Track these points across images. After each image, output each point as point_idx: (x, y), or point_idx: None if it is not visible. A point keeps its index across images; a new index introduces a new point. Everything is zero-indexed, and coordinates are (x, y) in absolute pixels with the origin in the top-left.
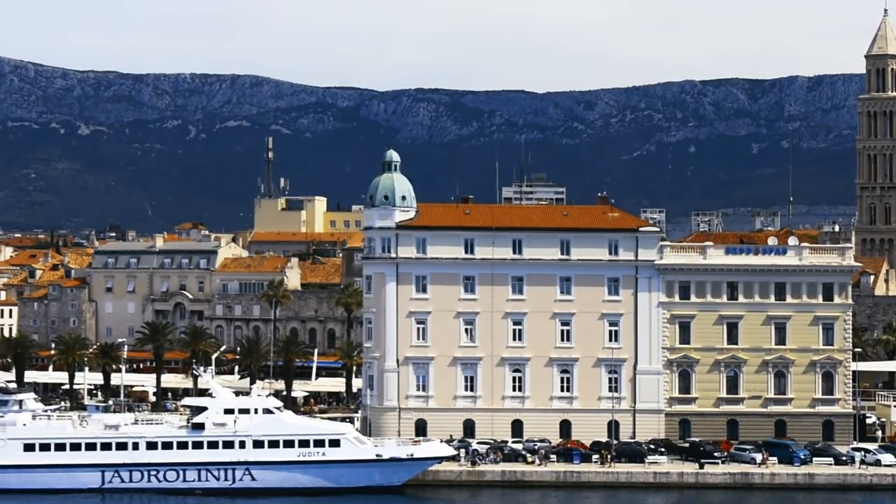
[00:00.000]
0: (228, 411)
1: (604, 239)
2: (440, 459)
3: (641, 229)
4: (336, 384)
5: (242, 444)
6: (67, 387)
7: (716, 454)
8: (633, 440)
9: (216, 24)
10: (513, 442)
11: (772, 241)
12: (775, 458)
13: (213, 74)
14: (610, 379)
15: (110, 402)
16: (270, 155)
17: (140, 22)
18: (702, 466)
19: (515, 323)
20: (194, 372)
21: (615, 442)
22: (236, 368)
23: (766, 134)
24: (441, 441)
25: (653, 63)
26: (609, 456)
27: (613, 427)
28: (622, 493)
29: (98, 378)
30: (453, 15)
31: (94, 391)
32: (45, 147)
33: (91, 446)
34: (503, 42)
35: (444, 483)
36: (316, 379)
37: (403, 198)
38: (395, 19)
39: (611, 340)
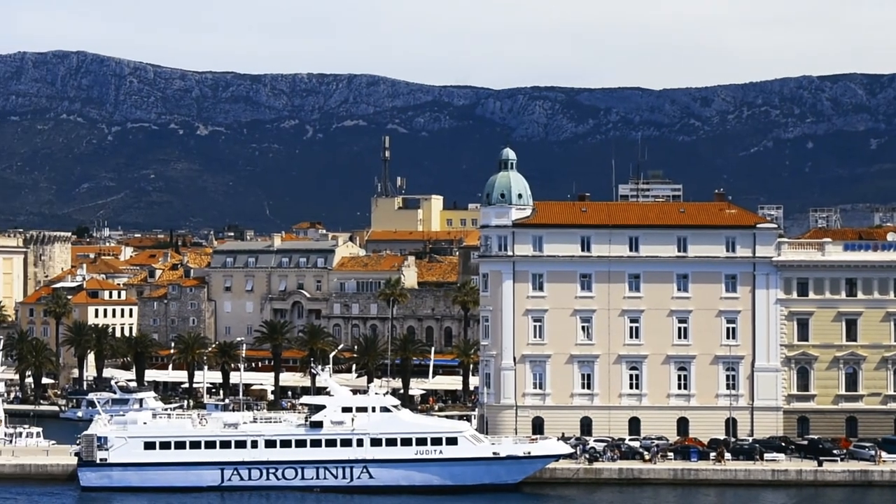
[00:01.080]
0: (346, 409)
1: (721, 236)
2: (557, 457)
3: (759, 226)
4: (453, 382)
5: (360, 443)
6: (187, 385)
7: (834, 451)
8: (749, 438)
9: (333, 24)
10: (630, 439)
11: (891, 236)
12: (894, 456)
13: (329, 74)
14: (727, 376)
15: (229, 401)
16: (387, 154)
17: (257, 23)
18: (820, 464)
19: (632, 320)
20: (312, 370)
21: (733, 440)
22: (354, 367)
23: (885, 129)
24: (558, 439)
25: (769, 58)
26: (723, 453)
27: (731, 425)
28: (740, 490)
29: (217, 377)
30: (569, 13)
31: (213, 389)
32: (163, 148)
33: (210, 444)
34: (619, 39)
35: (561, 481)
36: (433, 377)
37: (520, 196)
38: (511, 18)
39: (728, 338)
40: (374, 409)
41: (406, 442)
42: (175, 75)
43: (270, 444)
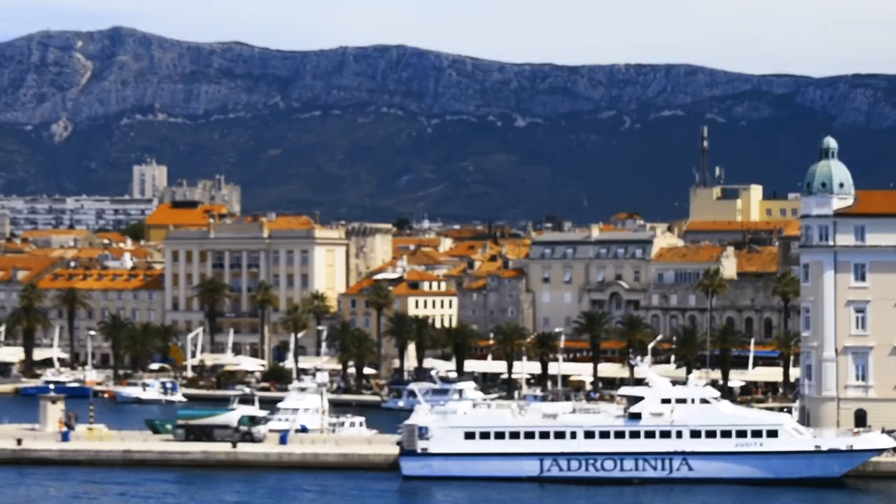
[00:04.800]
0: (665, 401)
1: None
2: (880, 451)
3: None
4: (773, 374)
5: (679, 434)
6: (506, 376)
7: None
8: None
9: (651, 14)
10: None
11: None
12: None
13: (647, 64)
14: None
15: (548, 391)
16: (705, 144)
17: (574, 14)
18: None
19: None
20: (631, 361)
21: None
22: (672, 358)
23: None
24: (882, 432)
25: None
26: None
27: None
28: None
29: (535, 367)
30: None
31: (532, 380)
32: (482, 140)
33: (530, 435)
34: None
35: (885, 475)
36: (752, 368)
37: (841, 185)
38: (832, 3)
39: None
40: (693, 401)
41: (725, 434)
42: (493, 67)
43: (589, 434)
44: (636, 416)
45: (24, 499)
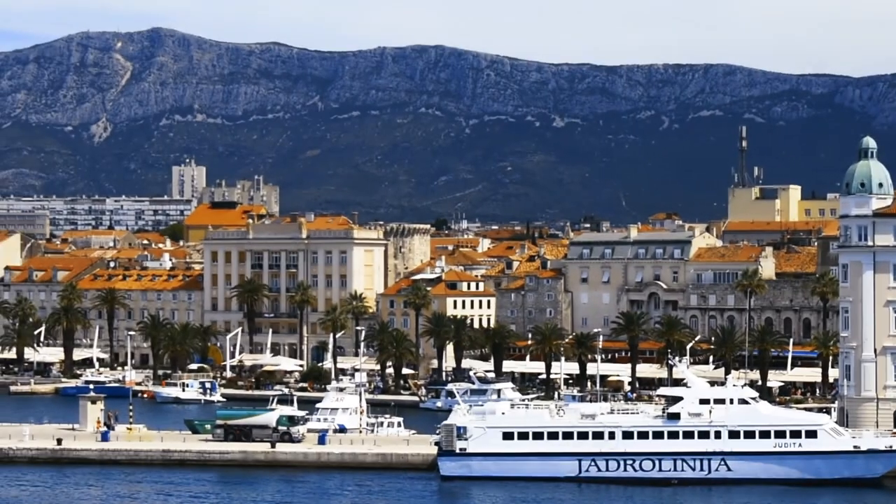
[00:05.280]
0: (704, 401)
1: None
2: None
3: None
4: (812, 374)
5: (718, 435)
6: (544, 376)
7: None
8: None
9: (689, 14)
10: None
11: None
12: None
13: (685, 64)
14: None
15: (586, 392)
16: (744, 144)
17: (613, 13)
18: None
19: None
20: (669, 362)
21: None
22: (711, 358)
23: None
24: None
25: None
26: None
27: None
28: None
29: (574, 368)
30: None
31: (570, 381)
32: (520, 140)
33: (568, 435)
34: None
35: None
36: (791, 369)
37: (880, 185)
38: (871, 2)
39: None
40: (732, 401)
41: (764, 434)
42: (531, 68)
43: (628, 435)
44: (675, 417)
45: (64, 498)
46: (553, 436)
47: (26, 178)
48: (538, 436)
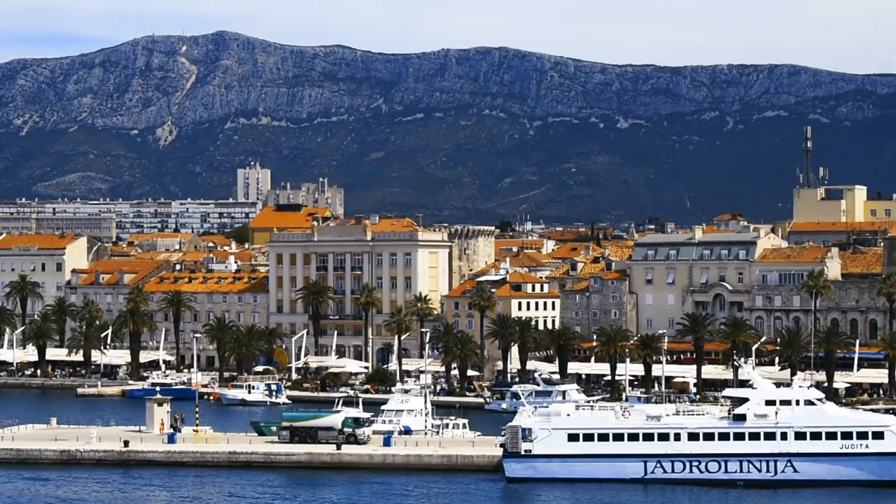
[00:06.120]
0: (770, 403)
1: None
2: None
3: None
4: (878, 375)
5: (784, 436)
6: (609, 378)
7: None
8: None
9: (754, 14)
10: None
11: None
12: None
13: (750, 65)
14: None
15: (651, 393)
16: (809, 144)
17: (677, 14)
18: None
19: None
20: (735, 363)
21: None
22: (776, 359)
23: None
24: None
25: None
26: None
27: None
28: None
29: (639, 369)
30: None
31: (635, 382)
32: (584, 141)
33: (633, 437)
34: None
35: None
36: (857, 370)
37: None
38: None
39: None
40: (797, 403)
41: (831, 436)
42: (595, 69)
43: (693, 436)
44: (740, 418)
45: (130, 500)
46: (618, 437)
47: (93, 181)
48: (603, 437)
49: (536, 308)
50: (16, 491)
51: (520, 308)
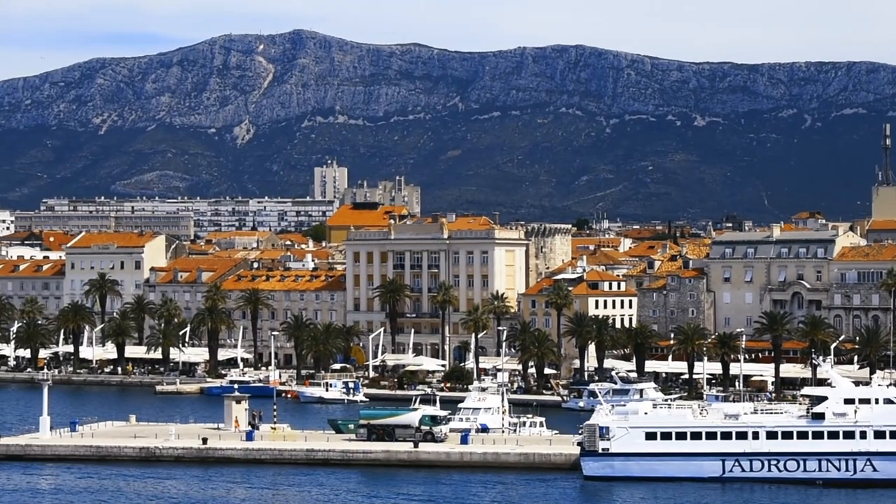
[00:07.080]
0: (849, 401)
1: None
2: None
3: None
4: None
5: (863, 435)
6: (686, 376)
7: None
8: None
9: (832, 11)
10: None
11: None
12: None
13: (828, 62)
14: None
15: (729, 392)
16: (888, 142)
17: (754, 11)
18: None
19: None
20: (813, 362)
21: None
22: (855, 358)
23: None
24: None
25: None
26: None
27: None
28: None
29: (716, 368)
30: None
31: (713, 380)
32: (661, 139)
33: (711, 435)
34: None
35: None
36: None
37: None
38: None
39: None
40: (877, 401)
41: None
42: (672, 67)
43: (772, 435)
44: (819, 417)
45: (210, 497)
46: (696, 436)
47: (171, 179)
48: (681, 436)
49: (613, 306)
50: (100, 488)
51: (597, 306)
